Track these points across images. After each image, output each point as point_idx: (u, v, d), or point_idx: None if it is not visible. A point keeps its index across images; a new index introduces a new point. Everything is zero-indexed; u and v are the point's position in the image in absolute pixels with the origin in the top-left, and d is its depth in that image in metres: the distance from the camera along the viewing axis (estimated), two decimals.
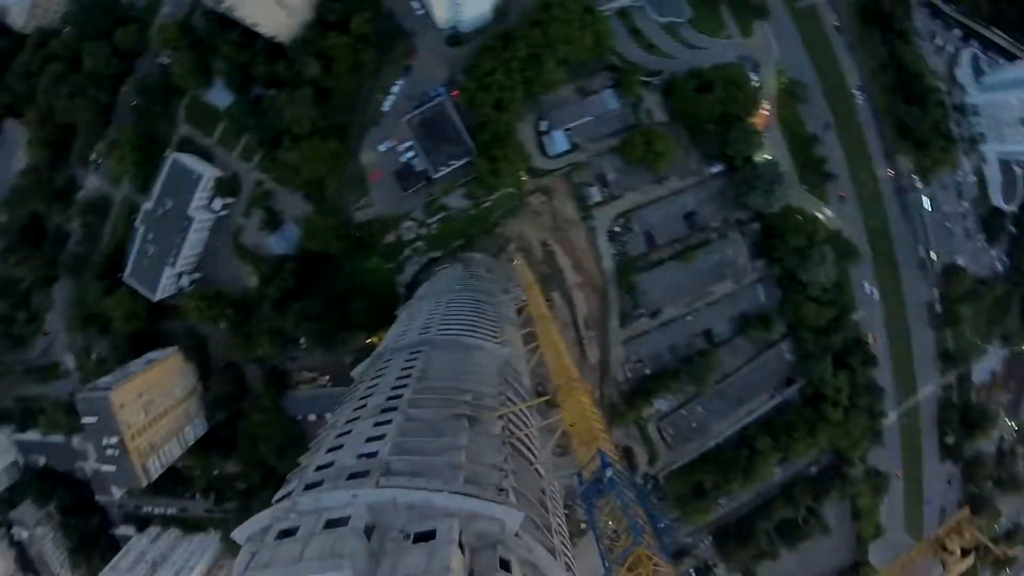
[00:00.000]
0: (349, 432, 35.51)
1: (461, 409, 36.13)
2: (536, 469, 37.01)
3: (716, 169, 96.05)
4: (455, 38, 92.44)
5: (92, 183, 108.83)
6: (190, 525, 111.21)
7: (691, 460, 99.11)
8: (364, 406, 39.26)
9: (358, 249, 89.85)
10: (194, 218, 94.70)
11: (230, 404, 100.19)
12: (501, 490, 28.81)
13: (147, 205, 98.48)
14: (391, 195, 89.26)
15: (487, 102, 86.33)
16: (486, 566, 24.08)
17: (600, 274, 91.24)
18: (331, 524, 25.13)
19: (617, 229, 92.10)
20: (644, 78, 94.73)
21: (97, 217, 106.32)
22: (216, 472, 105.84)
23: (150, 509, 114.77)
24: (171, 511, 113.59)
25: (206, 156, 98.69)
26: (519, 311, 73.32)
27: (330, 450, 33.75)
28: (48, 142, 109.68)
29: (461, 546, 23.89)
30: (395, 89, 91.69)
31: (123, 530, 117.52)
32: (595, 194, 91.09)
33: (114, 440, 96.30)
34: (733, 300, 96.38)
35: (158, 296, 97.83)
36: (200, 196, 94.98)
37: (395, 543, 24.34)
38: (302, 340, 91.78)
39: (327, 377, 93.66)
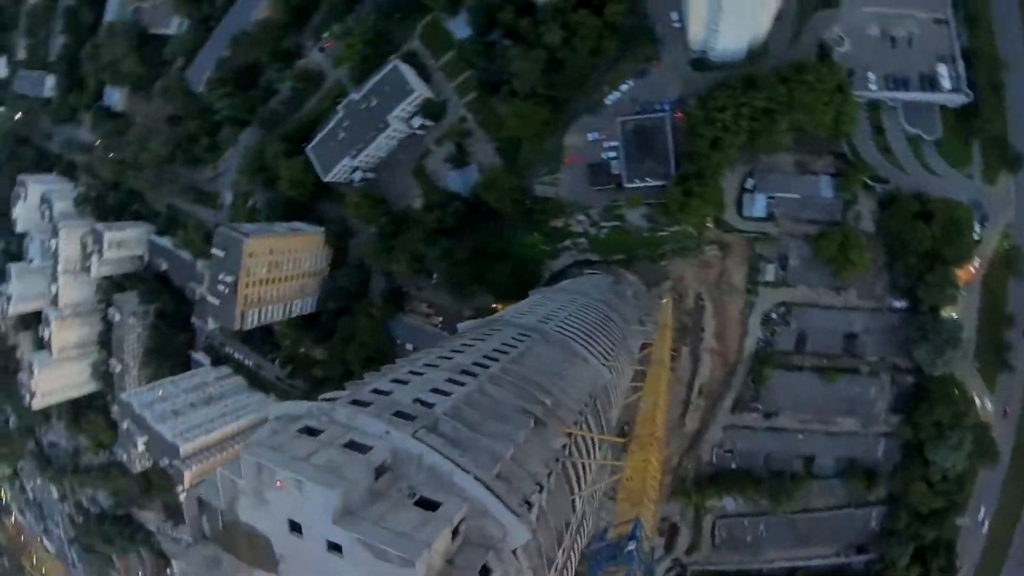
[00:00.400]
0: (421, 374, 35.34)
1: (534, 408, 34.63)
2: (573, 501, 35.00)
3: (898, 304, 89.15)
4: (700, 62, 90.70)
5: (315, 57, 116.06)
6: (256, 382, 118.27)
7: (728, 571, 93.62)
8: (450, 359, 39.08)
9: (525, 219, 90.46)
10: (390, 125, 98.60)
11: (344, 299, 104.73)
12: (527, 502, 27.01)
13: (354, 95, 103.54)
14: (578, 184, 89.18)
15: (706, 136, 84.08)
16: (467, 563, 22.61)
17: (737, 351, 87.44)
18: (351, 445, 24.77)
19: (774, 316, 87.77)
20: (868, 180, 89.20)
21: (307, 87, 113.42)
22: (302, 350, 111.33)
23: (231, 351, 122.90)
24: (248, 362, 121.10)
25: (424, 75, 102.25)
26: (643, 347, 71.49)
27: (395, 381, 33.59)
28: (291, 6, 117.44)
29: (456, 531, 22.92)
30: (624, 87, 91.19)
31: (200, 356, 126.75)
32: (770, 272, 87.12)
33: (229, 279, 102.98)
34: (850, 442, 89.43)
35: (328, 178, 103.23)
36: (404, 108, 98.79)
37: (398, 494, 23.70)
38: (435, 275, 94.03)
39: (440, 319, 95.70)
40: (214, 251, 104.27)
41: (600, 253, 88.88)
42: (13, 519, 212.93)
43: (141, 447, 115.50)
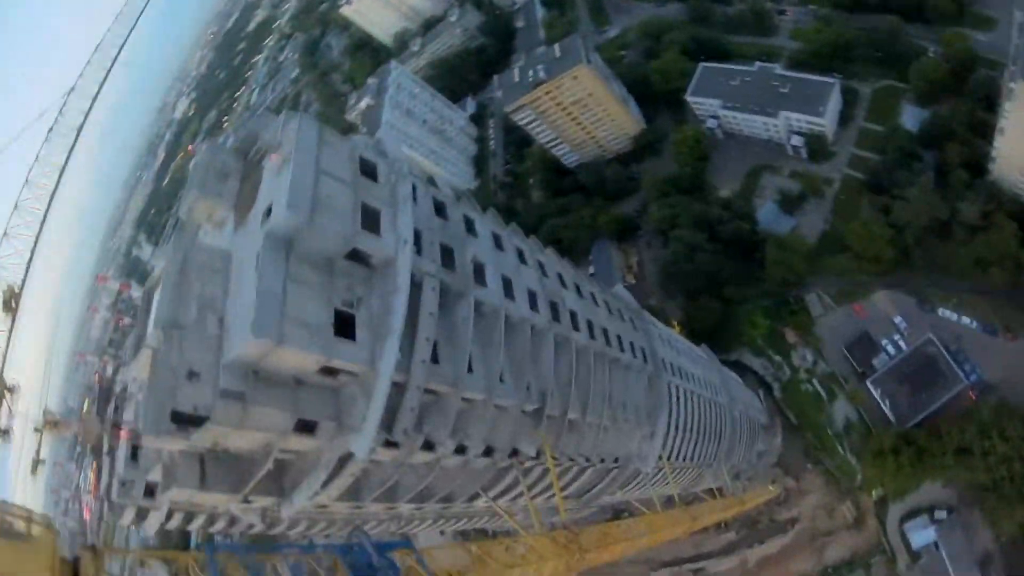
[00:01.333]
0: (523, 263, 29.86)
1: (554, 405, 28.16)
2: (477, 495, 28.31)
3: None
4: None
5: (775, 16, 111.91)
6: (479, 160, 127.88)
7: None
8: (564, 287, 33.18)
9: (773, 302, 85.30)
10: (776, 119, 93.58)
11: (596, 185, 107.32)
12: (428, 442, 21.79)
13: (775, 68, 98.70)
14: (838, 332, 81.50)
15: (964, 437, 71.52)
16: (305, 403, 19.13)
17: None
18: (365, 212, 20.44)
19: None
20: None
21: (752, 26, 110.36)
22: (530, 180, 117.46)
23: (491, 123, 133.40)
24: (491, 144, 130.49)
25: (843, 117, 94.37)
26: (709, 491, 66.72)
27: (495, 236, 28.55)
28: None
29: (333, 373, 19.34)
30: (962, 318, 79.09)
31: (469, 103, 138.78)
32: None
33: (542, 76, 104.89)
34: None
35: (690, 98, 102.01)
36: (800, 121, 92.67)
37: (339, 288, 19.72)
38: (668, 250, 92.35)
39: (634, 280, 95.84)
40: (556, 47, 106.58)
41: (784, 395, 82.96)
42: (255, 59, 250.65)
43: (364, 105, 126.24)
